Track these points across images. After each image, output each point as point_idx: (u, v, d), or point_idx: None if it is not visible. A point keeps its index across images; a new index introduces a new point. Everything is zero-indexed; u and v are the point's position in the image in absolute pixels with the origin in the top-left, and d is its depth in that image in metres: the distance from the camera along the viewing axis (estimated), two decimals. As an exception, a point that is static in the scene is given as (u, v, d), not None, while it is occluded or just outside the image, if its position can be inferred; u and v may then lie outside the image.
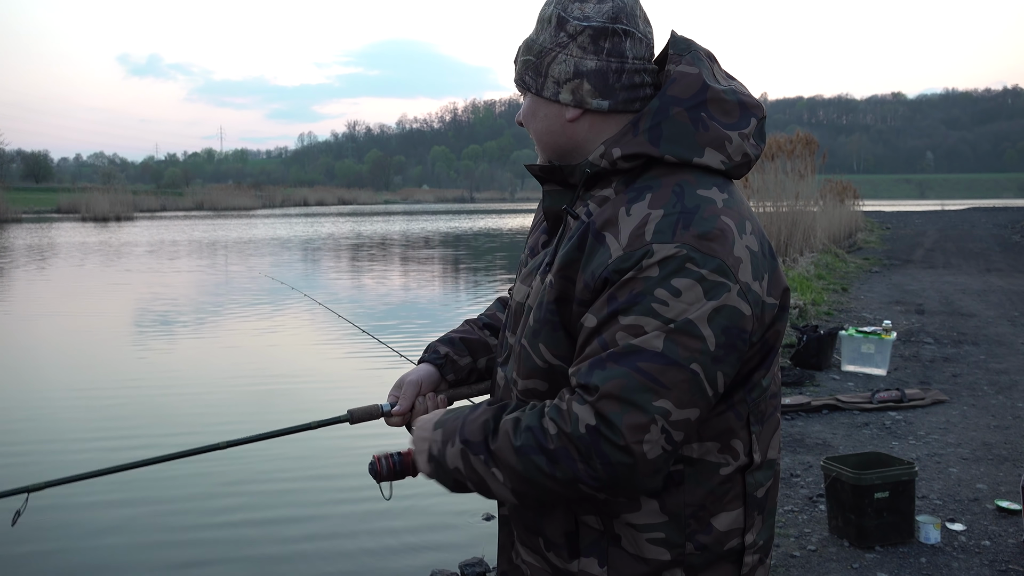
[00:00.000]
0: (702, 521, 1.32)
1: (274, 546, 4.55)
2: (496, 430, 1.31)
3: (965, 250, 21.51)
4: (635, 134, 1.32)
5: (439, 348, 1.72)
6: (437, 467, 1.38)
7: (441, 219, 50.68)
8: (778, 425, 1.42)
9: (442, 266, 21.29)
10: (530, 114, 1.43)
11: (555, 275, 1.34)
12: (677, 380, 1.19)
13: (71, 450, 6.09)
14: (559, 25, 1.37)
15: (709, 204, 1.27)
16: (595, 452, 1.20)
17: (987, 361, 7.97)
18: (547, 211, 1.47)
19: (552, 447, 1.23)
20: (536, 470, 1.24)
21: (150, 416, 6.93)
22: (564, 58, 1.36)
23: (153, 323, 11.72)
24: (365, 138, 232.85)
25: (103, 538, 4.65)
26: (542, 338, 1.35)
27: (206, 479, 5.47)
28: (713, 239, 1.23)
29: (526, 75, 1.42)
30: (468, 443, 1.32)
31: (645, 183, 1.31)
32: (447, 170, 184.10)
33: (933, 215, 44.36)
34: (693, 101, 1.32)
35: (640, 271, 1.22)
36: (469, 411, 1.38)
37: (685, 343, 1.19)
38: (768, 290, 1.29)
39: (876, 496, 3.91)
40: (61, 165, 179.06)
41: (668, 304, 1.20)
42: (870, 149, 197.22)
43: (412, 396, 1.65)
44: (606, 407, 1.19)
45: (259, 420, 6.81)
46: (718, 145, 1.32)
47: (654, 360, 1.19)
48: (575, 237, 1.32)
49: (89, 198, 48.76)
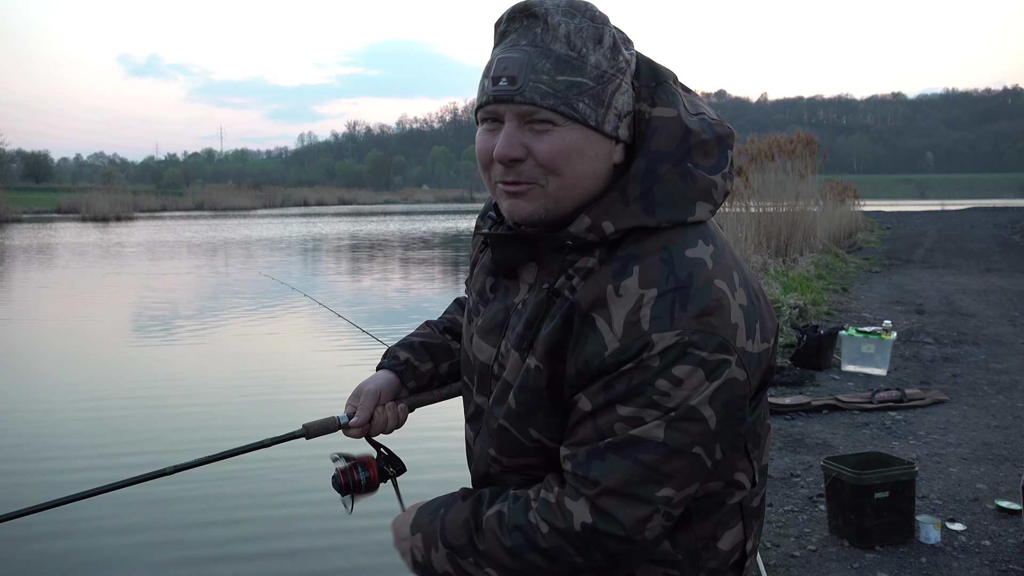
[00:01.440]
0: (711, 548, 1.30)
1: (272, 561, 4.54)
2: (480, 528, 1.25)
3: (965, 250, 21.50)
4: (625, 203, 1.18)
5: (399, 354, 1.61)
6: (425, 572, 1.32)
7: (441, 219, 50.68)
8: (768, 430, 1.38)
9: (442, 266, 21.28)
10: (575, 152, 1.17)
11: (542, 360, 1.22)
12: (679, 466, 1.14)
13: (69, 456, 6.09)
14: (615, 48, 1.19)
15: (700, 268, 1.17)
16: (594, 546, 1.16)
17: (987, 361, 7.97)
18: (497, 264, 1.33)
19: (545, 545, 1.18)
20: (532, 567, 1.20)
21: (147, 419, 6.92)
22: (626, 87, 1.19)
23: (153, 323, 11.71)
24: (365, 138, 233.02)
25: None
26: (532, 423, 1.26)
27: (199, 494, 5.46)
28: (711, 313, 1.14)
29: (578, 101, 1.16)
30: (453, 547, 1.27)
31: (628, 251, 1.18)
32: (447, 170, 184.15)
33: (933, 215, 44.34)
34: (679, 153, 1.19)
35: (640, 363, 1.13)
36: (444, 509, 1.31)
37: (687, 429, 1.13)
38: (761, 339, 1.21)
39: (876, 496, 3.91)
40: (61, 165, 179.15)
41: (670, 394, 1.12)
42: (870, 149, 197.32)
43: (371, 407, 1.55)
44: (608, 503, 1.15)
45: (257, 425, 6.82)
46: (706, 196, 1.21)
47: (656, 451, 1.13)
48: (559, 317, 1.20)
49: (89, 198, 48.77)
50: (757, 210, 15.63)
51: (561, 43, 1.16)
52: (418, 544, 1.32)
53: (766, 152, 16.17)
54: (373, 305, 13.33)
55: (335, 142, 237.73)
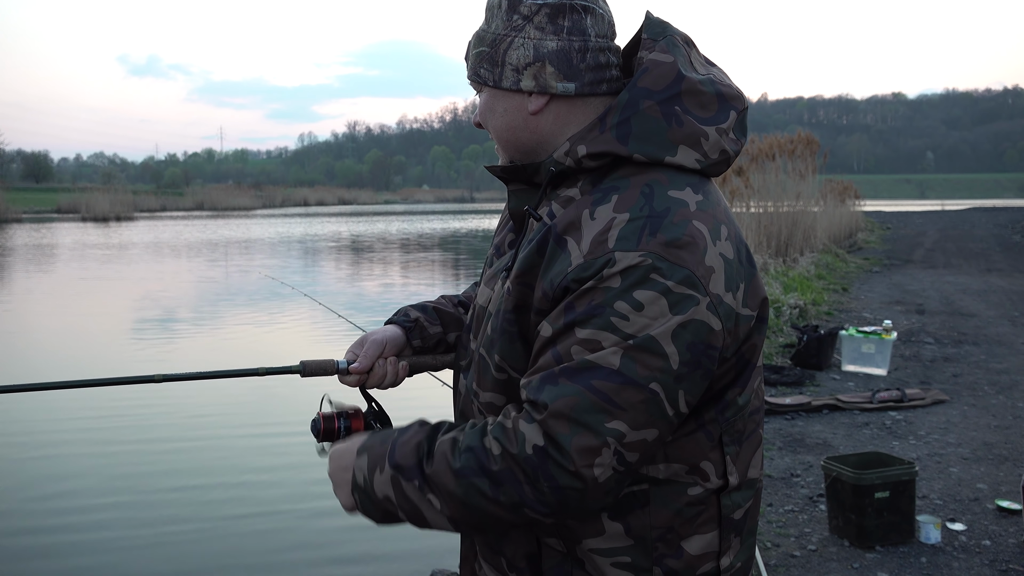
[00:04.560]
0: (671, 544, 1.23)
1: (272, 555, 4.54)
2: (431, 452, 1.20)
3: (965, 250, 21.50)
4: (601, 130, 1.22)
5: (410, 312, 1.60)
6: (363, 497, 1.26)
7: (442, 219, 50.67)
8: (760, 442, 1.32)
9: (442, 266, 21.28)
10: (488, 110, 1.32)
11: (513, 281, 1.24)
12: (634, 400, 1.10)
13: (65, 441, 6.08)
14: (511, 7, 1.26)
15: (680, 207, 1.17)
16: (542, 475, 1.11)
17: (987, 361, 7.97)
18: (512, 212, 1.38)
19: (495, 468, 1.14)
20: (477, 494, 1.15)
21: (147, 418, 6.92)
22: (521, 42, 1.25)
23: (152, 323, 11.71)
24: (365, 138, 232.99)
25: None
26: (498, 348, 1.26)
27: (208, 474, 5.46)
28: (682, 247, 1.13)
29: (480, 68, 1.30)
30: (399, 468, 1.21)
31: (612, 183, 1.21)
32: (447, 170, 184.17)
33: (933, 215, 44.34)
34: (666, 93, 1.21)
35: (601, 281, 1.12)
36: (398, 433, 1.27)
37: (645, 361, 1.10)
38: (744, 301, 1.19)
39: (876, 496, 3.91)
40: (61, 165, 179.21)
41: (629, 318, 1.10)
42: (870, 149, 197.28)
43: (373, 356, 1.52)
44: (555, 427, 1.11)
45: (257, 423, 6.82)
46: (693, 142, 1.21)
47: (610, 378, 1.10)
48: (535, 241, 1.22)
49: (89, 198, 48.70)
50: (758, 210, 15.63)
51: (485, 21, 1.31)
52: (362, 465, 1.26)
53: (767, 152, 16.18)
54: (373, 305, 13.32)
55: (335, 142, 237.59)
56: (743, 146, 1.29)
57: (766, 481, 4.80)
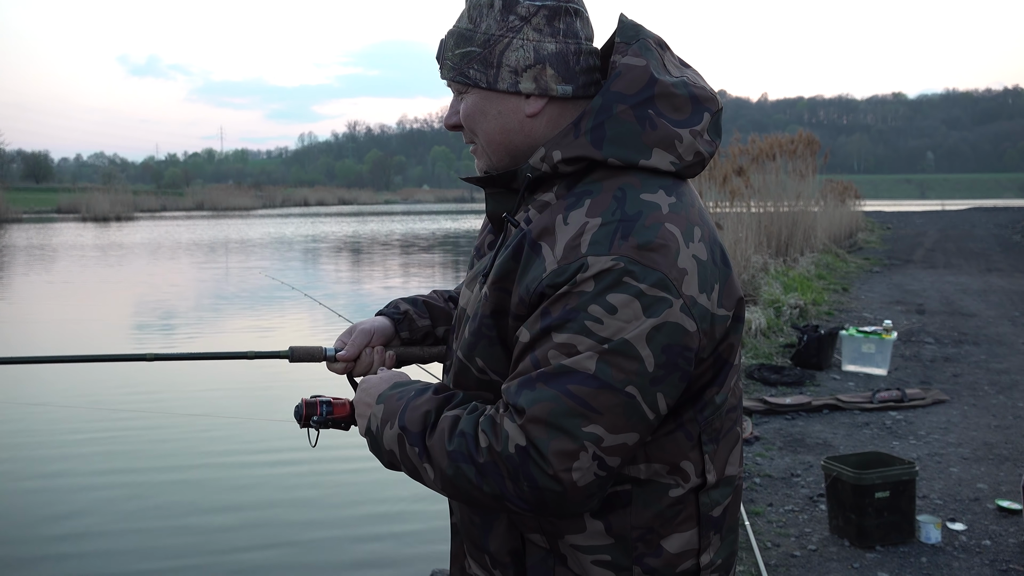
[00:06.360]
0: (650, 543, 1.24)
1: (275, 549, 4.54)
2: (435, 425, 1.24)
3: (966, 250, 21.50)
4: (576, 135, 1.23)
5: (400, 304, 1.64)
6: (373, 442, 1.33)
7: (441, 219, 50.66)
8: (738, 440, 1.33)
9: (442, 266, 21.29)
10: (478, 112, 1.30)
11: (490, 287, 1.26)
12: (610, 404, 1.11)
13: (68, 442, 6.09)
14: (506, 8, 1.25)
15: (653, 210, 1.18)
16: (523, 474, 1.13)
17: (988, 361, 7.97)
18: (490, 215, 1.38)
19: (481, 460, 1.17)
20: (464, 479, 1.18)
21: (145, 415, 6.93)
22: (520, 43, 1.25)
23: (152, 323, 11.72)
24: (365, 138, 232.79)
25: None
26: (478, 352, 1.28)
27: (206, 489, 5.46)
28: (654, 249, 1.14)
29: (469, 68, 1.28)
30: (406, 430, 1.26)
31: (585, 187, 1.22)
32: (447, 170, 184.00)
33: (934, 215, 44.32)
34: (639, 97, 1.22)
35: (575, 285, 1.13)
36: (415, 393, 1.30)
37: (620, 364, 1.11)
38: (720, 301, 1.20)
39: (877, 496, 3.91)
40: (61, 165, 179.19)
41: (603, 322, 1.11)
42: (870, 149, 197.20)
43: (360, 345, 1.57)
44: (533, 432, 1.12)
45: (255, 422, 6.83)
46: (667, 145, 1.22)
47: (586, 383, 1.11)
48: (511, 246, 1.24)
49: (89, 198, 48.70)
50: (758, 210, 15.62)
51: (464, 19, 1.30)
52: (377, 414, 1.32)
53: (767, 152, 16.16)
54: (373, 305, 13.31)
55: (335, 142, 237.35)
56: (718, 147, 1.30)
57: (766, 481, 4.80)
